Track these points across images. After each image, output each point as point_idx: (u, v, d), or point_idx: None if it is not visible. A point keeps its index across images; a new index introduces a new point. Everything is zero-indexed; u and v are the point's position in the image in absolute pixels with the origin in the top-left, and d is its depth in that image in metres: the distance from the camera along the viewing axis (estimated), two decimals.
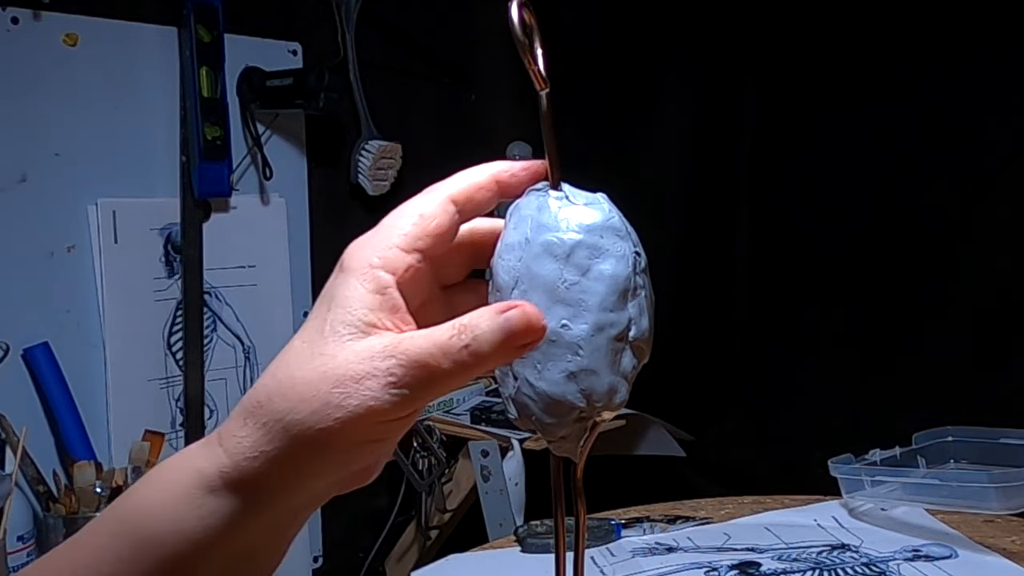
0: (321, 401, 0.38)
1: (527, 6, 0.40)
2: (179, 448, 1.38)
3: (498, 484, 1.44)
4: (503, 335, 0.37)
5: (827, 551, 1.04)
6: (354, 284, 0.39)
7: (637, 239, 0.42)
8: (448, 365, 0.37)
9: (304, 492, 0.40)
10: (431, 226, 0.40)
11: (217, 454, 0.40)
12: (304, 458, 0.38)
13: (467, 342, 0.37)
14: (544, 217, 0.41)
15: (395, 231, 0.40)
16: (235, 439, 0.39)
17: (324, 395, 0.38)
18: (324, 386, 0.38)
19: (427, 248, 0.40)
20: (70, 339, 1.27)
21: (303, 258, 1.54)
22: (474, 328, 0.37)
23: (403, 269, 0.39)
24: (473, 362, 0.37)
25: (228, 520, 0.39)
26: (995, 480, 1.01)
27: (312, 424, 0.38)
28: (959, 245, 1.85)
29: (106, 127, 1.30)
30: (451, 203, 0.41)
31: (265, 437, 0.38)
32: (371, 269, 0.39)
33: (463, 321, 0.38)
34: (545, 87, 0.41)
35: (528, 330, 0.37)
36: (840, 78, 2.01)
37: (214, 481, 0.39)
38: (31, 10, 1.22)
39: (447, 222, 0.41)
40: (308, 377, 0.38)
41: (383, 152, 1.55)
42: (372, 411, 0.37)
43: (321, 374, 0.38)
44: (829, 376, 2.03)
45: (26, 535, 1.15)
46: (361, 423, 0.37)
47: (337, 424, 0.37)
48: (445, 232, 0.41)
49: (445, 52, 1.73)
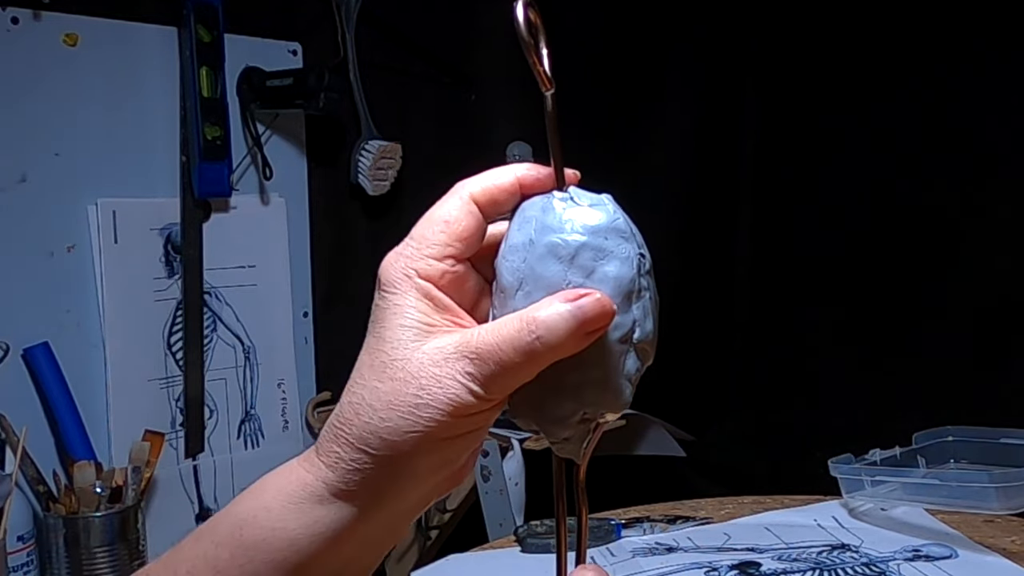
0: (409, 405, 0.39)
1: (532, 6, 0.40)
2: (179, 448, 1.39)
3: (498, 484, 1.44)
4: (576, 323, 0.38)
5: (827, 551, 1.04)
6: (399, 297, 0.41)
7: (642, 240, 0.42)
8: (519, 358, 0.39)
9: (407, 497, 0.42)
10: (458, 231, 0.42)
11: (319, 467, 0.42)
12: (403, 462, 0.40)
13: (539, 334, 0.38)
14: (548, 218, 0.41)
15: (424, 242, 0.42)
16: (334, 455, 0.41)
17: (411, 399, 0.39)
18: (408, 390, 0.40)
19: (458, 253, 0.42)
20: (70, 339, 1.27)
21: (303, 258, 1.54)
22: (543, 320, 0.39)
23: (438, 277, 0.41)
24: (546, 352, 0.39)
25: (337, 528, 0.41)
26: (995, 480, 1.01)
27: (405, 428, 0.39)
28: (959, 245, 1.85)
29: (106, 127, 1.30)
30: (475, 205, 0.42)
31: (363, 451, 0.40)
32: (408, 280, 0.41)
33: (531, 314, 0.39)
34: (551, 88, 0.41)
35: (602, 315, 0.39)
36: (841, 79, 2.01)
37: (321, 492, 0.41)
38: (31, 10, 1.22)
39: (473, 225, 0.42)
40: (389, 386, 0.40)
41: (383, 152, 1.54)
42: (457, 408, 0.39)
43: (401, 380, 0.40)
44: (829, 376, 2.03)
45: (26, 535, 1.15)
46: (449, 421, 0.39)
47: (429, 423, 0.39)
48: (472, 235, 0.42)
49: (445, 52, 1.73)
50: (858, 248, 2.01)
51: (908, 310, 1.93)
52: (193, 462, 1.40)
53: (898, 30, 1.91)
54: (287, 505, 0.42)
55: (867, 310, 1.99)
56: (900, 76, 1.91)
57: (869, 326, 1.99)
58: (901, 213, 1.94)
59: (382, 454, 0.40)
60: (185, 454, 1.39)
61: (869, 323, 1.99)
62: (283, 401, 1.50)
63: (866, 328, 2.00)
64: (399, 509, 0.42)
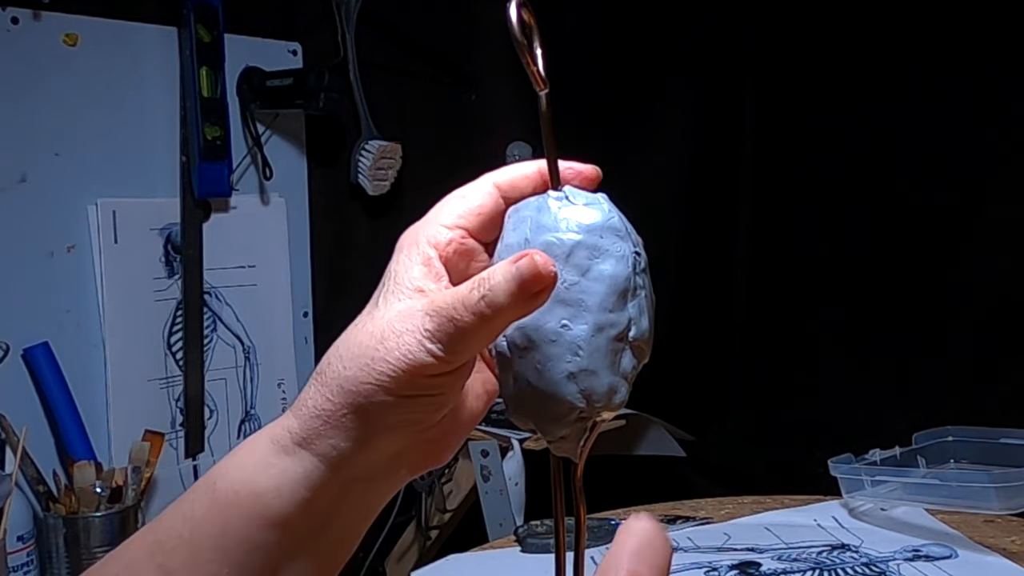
0: (368, 357, 0.40)
1: (526, 6, 0.40)
2: (179, 448, 1.39)
3: (498, 484, 1.44)
4: (515, 283, 0.38)
5: (827, 551, 1.04)
6: (403, 259, 0.43)
7: (637, 239, 0.42)
8: (469, 317, 0.39)
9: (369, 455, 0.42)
10: (472, 205, 0.43)
11: (289, 419, 0.43)
12: (360, 414, 0.41)
13: (484, 293, 0.39)
14: (544, 218, 0.41)
15: (440, 211, 0.44)
16: (300, 404, 0.42)
17: (371, 351, 0.40)
18: (371, 343, 0.41)
19: (470, 226, 0.43)
20: (70, 339, 1.27)
21: (303, 258, 1.54)
22: (490, 279, 0.39)
23: (445, 243, 0.43)
24: (491, 312, 0.39)
25: (301, 480, 0.42)
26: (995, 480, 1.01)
27: (361, 379, 0.40)
28: (959, 245, 1.85)
29: (106, 127, 1.30)
30: (494, 187, 0.44)
31: (326, 397, 0.41)
32: (415, 246, 0.43)
33: (482, 275, 0.40)
34: (544, 88, 0.41)
35: (537, 276, 0.38)
36: (840, 78, 2.00)
37: (286, 442, 0.42)
38: (31, 10, 1.22)
39: (489, 203, 0.44)
40: (359, 338, 0.41)
41: (383, 152, 1.55)
42: (411, 364, 0.40)
43: (369, 333, 0.41)
44: (829, 376, 2.03)
45: (26, 535, 1.15)
46: (404, 377, 0.40)
47: (382, 378, 0.40)
48: (487, 212, 0.44)
49: (445, 52, 1.73)
50: (858, 248, 2.01)
51: (908, 310, 1.93)
52: (193, 462, 1.40)
53: (898, 29, 1.91)
54: (256, 458, 0.42)
55: (867, 310, 1.99)
56: (900, 76, 1.91)
57: (869, 326, 1.99)
58: (901, 213, 1.93)
59: (339, 401, 0.41)
60: (185, 454, 1.39)
61: (869, 323, 1.99)
62: (283, 401, 1.50)
63: (866, 328, 1.99)
64: (364, 468, 0.42)
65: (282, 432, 0.42)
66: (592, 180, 0.44)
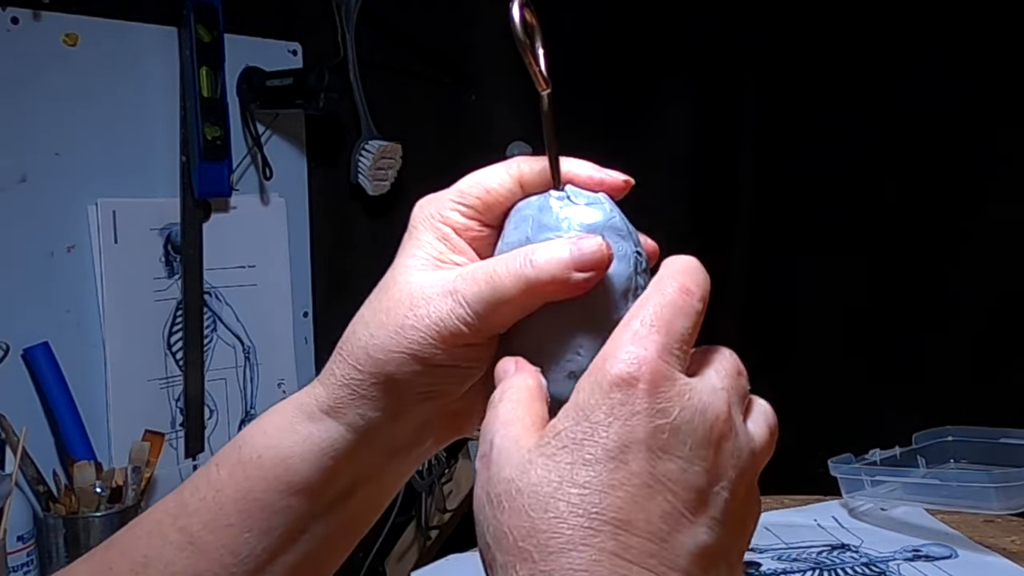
0: (397, 324, 0.40)
1: (528, 6, 0.40)
2: (179, 448, 1.39)
3: None
4: (570, 255, 0.38)
5: (827, 551, 1.04)
6: (421, 232, 0.42)
7: (639, 239, 0.42)
8: (509, 279, 0.38)
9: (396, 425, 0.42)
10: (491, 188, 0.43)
11: (315, 386, 0.43)
12: (388, 383, 0.41)
13: (532, 257, 0.39)
14: (545, 217, 0.41)
15: (456, 190, 0.43)
16: (328, 372, 0.42)
17: (399, 318, 0.40)
18: (400, 310, 0.40)
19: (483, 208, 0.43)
20: (70, 339, 1.27)
21: (303, 258, 1.54)
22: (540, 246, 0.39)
23: (460, 226, 0.42)
24: (534, 275, 0.38)
25: (326, 447, 0.42)
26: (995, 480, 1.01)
27: (391, 347, 0.40)
28: (960, 245, 1.85)
29: (106, 127, 1.30)
30: (507, 172, 0.43)
31: (353, 366, 0.41)
32: (430, 220, 0.42)
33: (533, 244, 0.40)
34: (547, 88, 0.41)
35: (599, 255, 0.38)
36: (840, 78, 2.00)
37: (312, 410, 0.42)
38: (31, 10, 1.22)
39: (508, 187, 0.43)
40: (386, 305, 0.41)
41: (383, 152, 1.55)
42: (441, 331, 0.39)
43: (397, 300, 0.41)
44: (829, 376, 2.03)
45: (26, 535, 1.15)
46: (433, 343, 0.39)
47: (413, 346, 0.39)
48: (500, 194, 0.43)
49: (445, 52, 1.73)
50: (858, 248, 2.01)
51: (908, 310, 1.93)
52: (193, 462, 1.40)
53: (897, 30, 1.91)
54: (282, 423, 0.43)
55: (867, 310, 1.99)
56: (900, 76, 1.91)
57: (869, 326, 1.99)
58: (901, 213, 1.94)
59: (367, 370, 0.41)
60: (185, 454, 1.39)
61: (869, 323, 1.99)
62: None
63: (866, 328, 1.99)
64: (390, 438, 0.42)
65: (309, 400, 0.42)
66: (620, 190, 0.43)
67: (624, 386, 0.34)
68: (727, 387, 0.38)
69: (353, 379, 0.41)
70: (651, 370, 0.35)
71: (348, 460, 0.42)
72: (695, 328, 0.38)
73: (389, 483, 0.45)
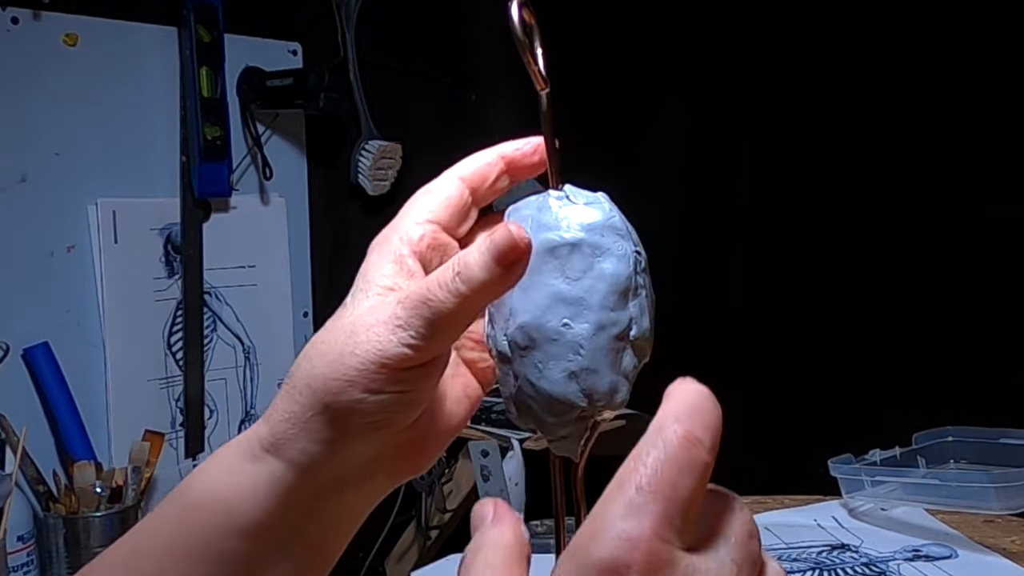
0: (337, 352, 0.39)
1: (527, 5, 0.40)
2: (179, 448, 1.39)
3: (498, 484, 1.44)
4: (490, 254, 0.37)
5: (827, 551, 1.04)
6: (374, 259, 0.42)
7: (637, 238, 0.42)
8: (444, 295, 0.38)
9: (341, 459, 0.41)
10: (440, 198, 0.43)
11: (259, 426, 0.41)
12: (329, 416, 0.39)
13: (459, 270, 0.38)
14: (545, 216, 0.41)
15: (409, 209, 0.43)
16: (271, 409, 0.41)
17: (340, 346, 0.39)
18: (340, 338, 0.39)
19: (440, 219, 0.43)
20: (70, 339, 1.27)
21: (303, 258, 1.54)
22: (465, 256, 0.38)
23: (418, 239, 0.42)
24: (466, 289, 0.37)
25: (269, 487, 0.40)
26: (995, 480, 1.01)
27: (330, 376, 0.39)
28: (960, 245, 1.85)
29: (106, 127, 1.30)
30: (458, 178, 0.44)
31: (293, 399, 0.40)
32: (386, 243, 0.42)
33: (457, 255, 0.39)
34: (545, 87, 0.41)
35: (513, 245, 0.37)
36: (839, 78, 2.00)
37: (255, 448, 0.41)
38: (31, 10, 1.22)
39: (456, 193, 0.43)
40: (329, 336, 0.40)
41: (383, 152, 1.55)
42: (381, 356, 0.38)
43: (339, 329, 0.40)
44: (829, 376, 2.03)
45: (26, 535, 1.15)
46: (375, 371, 0.38)
47: (350, 372, 0.38)
48: (455, 203, 0.43)
49: (445, 52, 1.73)
50: (858, 248, 2.01)
51: (908, 310, 1.93)
52: (193, 462, 1.40)
53: (896, 29, 1.91)
54: (224, 465, 0.41)
55: (867, 310, 1.99)
56: (900, 75, 1.91)
57: (869, 326, 1.99)
58: (901, 213, 1.94)
59: (308, 402, 0.39)
60: (185, 454, 1.39)
61: (869, 323, 1.99)
62: None
63: (866, 328, 1.99)
64: (336, 473, 0.41)
65: (251, 438, 0.41)
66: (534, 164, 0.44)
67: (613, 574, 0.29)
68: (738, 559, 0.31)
69: (294, 413, 0.40)
70: (646, 553, 0.29)
71: (293, 499, 0.40)
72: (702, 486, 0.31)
73: (344, 523, 0.44)
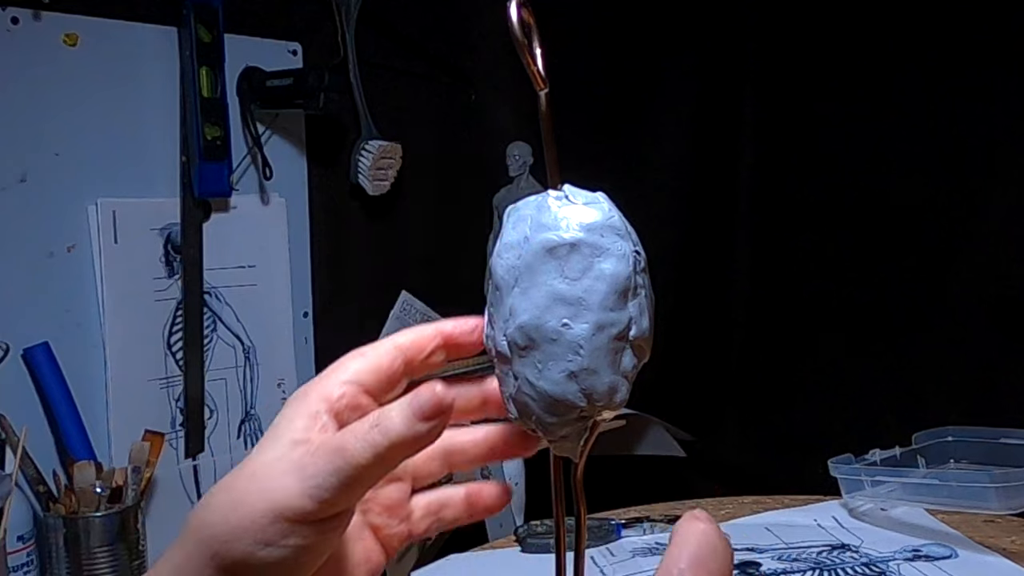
0: (232, 501, 0.37)
1: (526, 6, 0.40)
2: (179, 448, 1.39)
3: None
4: (411, 409, 0.37)
5: (827, 551, 1.04)
6: (288, 412, 0.41)
7: (637, 239, 0.42)
8: (360, 446, 0.36)
9: None
10: (370, 363, 0.42)
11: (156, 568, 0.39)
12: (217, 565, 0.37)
13: (378, 422, 0.37)
14: (544, 216, 0.41)
15: (334, 368, 0.42)
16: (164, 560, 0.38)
17: (237, 494, 0.37)
18: (239, 484, 0.37)
19: (365, 381, 0.42)
20: (70, 339, 1.27)
21: (303, 258, 1.54)
22: (385, 409, 0.37)
23: (336, 397, 0.41)
24: (384, 440, 0.36)
25: None
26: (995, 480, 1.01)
27: (221, 525, 0.36)
28: (960, 245, 1.85)
29: (106, 127, 1.30)
30: (394, 346, 0.43)
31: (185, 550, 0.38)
32: (304, 397, 0.41)
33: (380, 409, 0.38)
34: (544, 87, 0.41)
35: (436, 403, 0.36)
36: (839, 79, 2.01)
37: None
38: (31, 10, 1.22)
39: (387, 360, 0.43)
40: (226, 482, 0.38)
41: (383, 152, 1.55)
42: (278, 506, 0.36)
43: (238, 476, 0.38)
44: (829, 376, 2.03)
45: (26, 535, 1.15)
46: (269, 522, 0.36)
47: (245, 522, 0.36)
48: (384, 369, 0.42)
49: (445, 52, 1.73)
50: (858, 248, 2.01)
51: (908, 310, 1.93)
52: (193, 462, 1.40)
53: (897, 32, 1.91)
54: None
55: (867, 309, 1.99)
56: (900, 80, 1.91)
57: (869, 326, 1.99)
58: (901, 213, 1.94)
59: (195, 553, 0.37)
60: (185, 454, 1.39)
61: (869, 323, 1.99)
62: (283, 401, 1.49)
63: (866, 328, 2.00)
64: None
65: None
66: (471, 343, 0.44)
67: None
68: None
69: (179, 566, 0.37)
70: None
71: None
72: None
73: None
